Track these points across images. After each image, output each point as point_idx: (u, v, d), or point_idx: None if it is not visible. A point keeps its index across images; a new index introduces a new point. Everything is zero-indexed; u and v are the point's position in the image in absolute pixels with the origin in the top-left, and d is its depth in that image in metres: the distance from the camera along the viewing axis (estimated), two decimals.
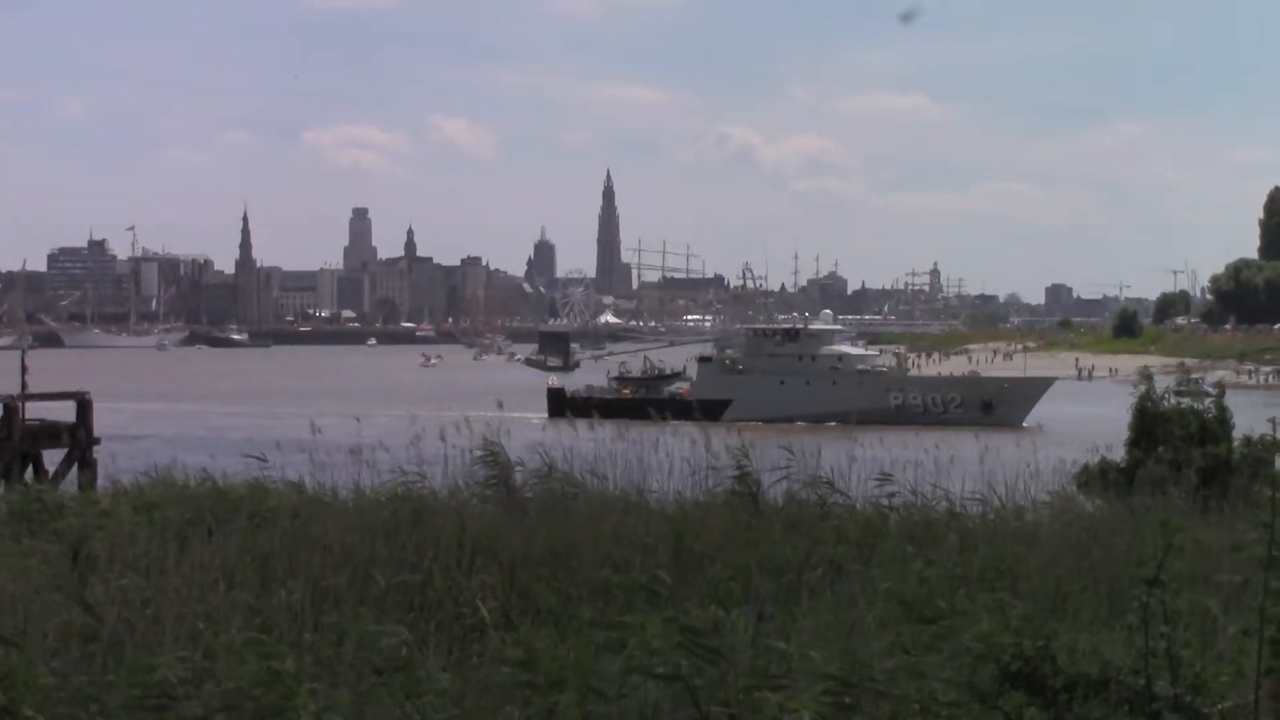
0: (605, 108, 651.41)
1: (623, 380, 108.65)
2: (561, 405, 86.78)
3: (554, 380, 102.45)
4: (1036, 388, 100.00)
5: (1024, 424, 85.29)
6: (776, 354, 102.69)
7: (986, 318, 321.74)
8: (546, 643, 8.85)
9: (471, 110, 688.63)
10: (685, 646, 7.57)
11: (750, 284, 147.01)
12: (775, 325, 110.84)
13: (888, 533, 15.02)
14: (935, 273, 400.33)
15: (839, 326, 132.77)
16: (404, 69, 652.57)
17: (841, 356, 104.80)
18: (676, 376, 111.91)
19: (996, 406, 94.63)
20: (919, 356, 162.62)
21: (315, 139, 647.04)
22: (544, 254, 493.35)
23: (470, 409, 23.10)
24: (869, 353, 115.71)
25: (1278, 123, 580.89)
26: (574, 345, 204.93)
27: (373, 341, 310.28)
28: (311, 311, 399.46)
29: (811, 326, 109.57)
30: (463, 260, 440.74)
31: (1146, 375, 25.27)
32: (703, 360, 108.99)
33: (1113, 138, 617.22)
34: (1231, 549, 7.95)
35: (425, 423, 23.66)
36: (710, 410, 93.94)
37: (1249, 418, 23.27)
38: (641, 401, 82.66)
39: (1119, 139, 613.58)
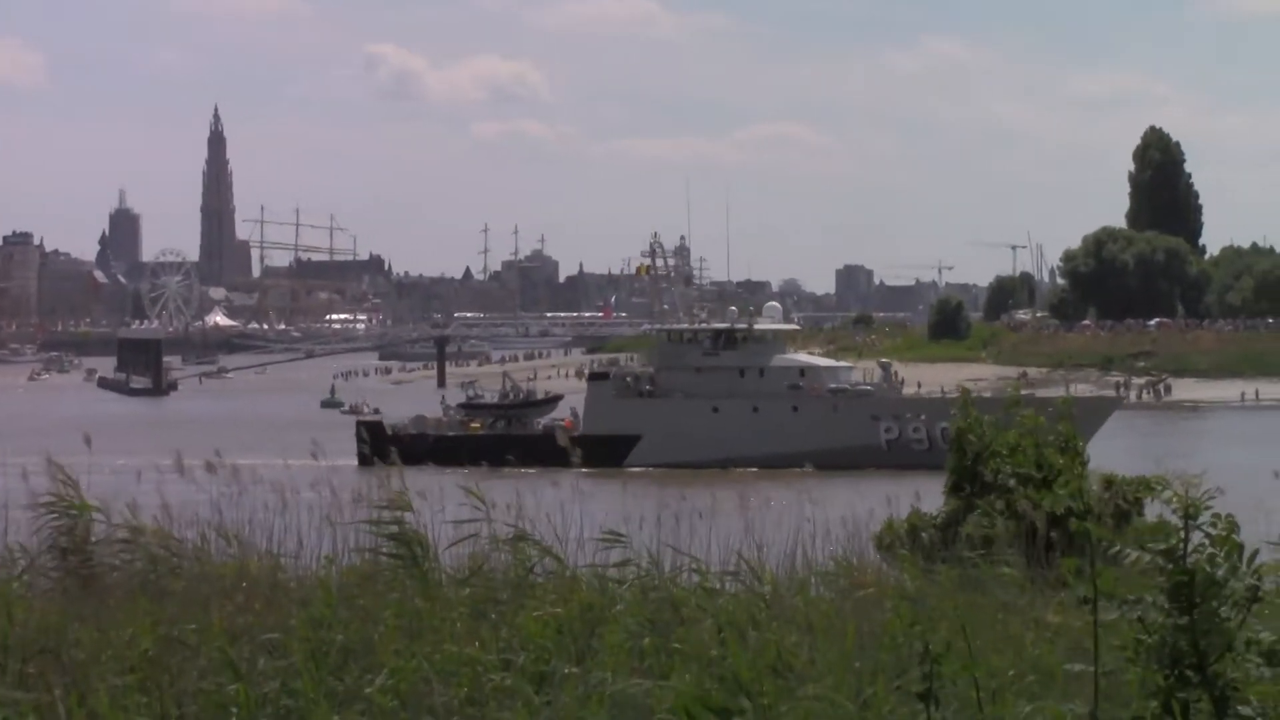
0: (203, 20, 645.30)
1: (471, 408, 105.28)
2: (381, 446, 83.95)
3: (367, 409, 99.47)
4: (1096, 413, 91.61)
5: None
6: (707, 367, 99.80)
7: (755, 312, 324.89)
8: None
9: (11, 22, 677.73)
10: None
11: (661, 265, 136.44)
12: (703, 325, 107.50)
13: (615, 618, 15.13)
14: (683, 250, 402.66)
15: (795, 325, 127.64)
16: None
17: (804, 370, 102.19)
18: (554, 402, 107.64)
19: None
20: None
21: None
22: (124, 228, 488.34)
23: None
24: (843, 365, 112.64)
25: (1139, 44, 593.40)
26: (171, 359, 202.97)
27: None
28: None
29: (757, 326, 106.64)
30: (6, 239, 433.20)
31: (966, 394, 25.83)
32: (595, 378, 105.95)
33: (918, 61, 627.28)
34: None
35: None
36: (607, 452, 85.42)
37: (1120, 449, 23.94)
38: (500, 439, 79.93)
39: (927, 63, 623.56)
